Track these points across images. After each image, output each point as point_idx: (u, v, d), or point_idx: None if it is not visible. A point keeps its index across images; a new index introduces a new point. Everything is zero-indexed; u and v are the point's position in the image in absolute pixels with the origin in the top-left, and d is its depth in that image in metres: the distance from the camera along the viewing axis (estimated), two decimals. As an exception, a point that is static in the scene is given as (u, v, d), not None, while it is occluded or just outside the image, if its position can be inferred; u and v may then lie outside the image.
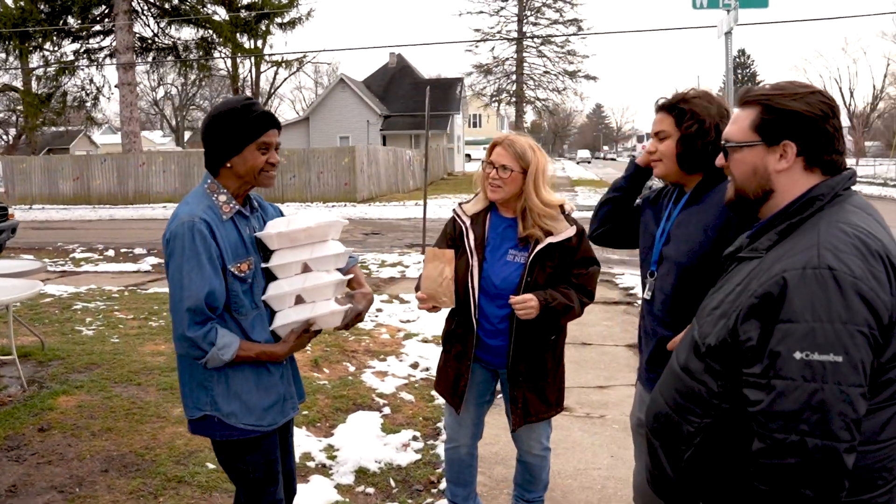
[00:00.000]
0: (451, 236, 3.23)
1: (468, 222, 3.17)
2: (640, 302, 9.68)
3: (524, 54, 41.04)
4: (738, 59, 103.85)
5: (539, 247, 3.03)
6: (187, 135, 71.71)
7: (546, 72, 42.57)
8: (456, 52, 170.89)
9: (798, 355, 1.53)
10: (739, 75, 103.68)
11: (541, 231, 3.03)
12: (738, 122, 1.82)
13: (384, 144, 41.35)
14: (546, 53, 41.64)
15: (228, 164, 2.40)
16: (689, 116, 2.44)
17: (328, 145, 34.44)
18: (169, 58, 31.84)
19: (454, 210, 3.28)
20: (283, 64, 35.53)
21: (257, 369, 2.45)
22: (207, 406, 2.41)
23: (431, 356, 6.55)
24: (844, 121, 70.08)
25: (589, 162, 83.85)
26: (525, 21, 40.36)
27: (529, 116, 52.49)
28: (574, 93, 46.95)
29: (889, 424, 1.62)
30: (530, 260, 3.03)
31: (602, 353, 6.77)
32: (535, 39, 40.79)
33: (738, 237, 2.24)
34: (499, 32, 40.66)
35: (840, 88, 73.55)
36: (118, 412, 4.95)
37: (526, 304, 2.93)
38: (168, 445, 4.41)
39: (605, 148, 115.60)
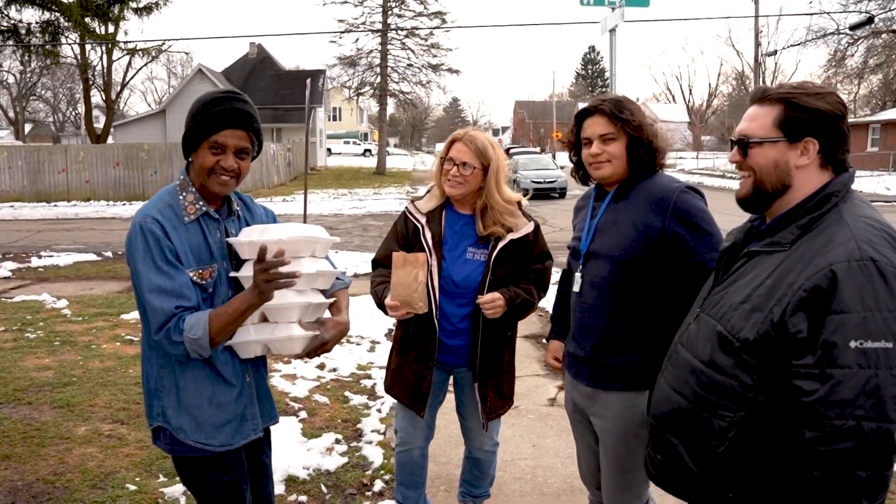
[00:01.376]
0: (404, 235, 3.16)
1: (423, 220, 3.12)
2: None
3: (388, 47, 40.84)
4: (588, 56, 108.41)
5: (501, 244, 3.05)
6: (28, 127, 66.49)
7: (410, 64, 42.65)
8: (319, 44, 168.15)
9: (853, 344, 1.61)
10: (589, 71, 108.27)
11: (502, 228, 3.05)
12: (759, 119, 1.87)
13: (246, 138, 40.02)
14: (410, 46, 41.70)
15: (190, 159, 2.29)
16: (632, 119, 2.55)
17: (187, 139, 32.95)
18: (9, 42, 29.22)
19: (406, 208, 3.21)
20: (139, 52, 33.67)
21: (213, 382, 2.28)
22: (159, 417, 2.30)
23: (336, 356, 6.48)
24: (684, 116, 74.92)
25: None
26: (390, 13, 40.18)
27: (391, 110, 52.42)
28: (437, 86, 47.41)
29: None
30: (493, 258, 3.04)
31: (502, 345, 6.93)
32: (400, 32, 40.74)
33: (669, 229, 2.45)
34: (363, 24, 40.25)
35: (681, 85, 78.47)
36: (13, 436, 4.58)
37: (494, 303, 2.95)
38: (79, 469, 4.13)
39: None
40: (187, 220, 2.24)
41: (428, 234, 3.08)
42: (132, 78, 49.18)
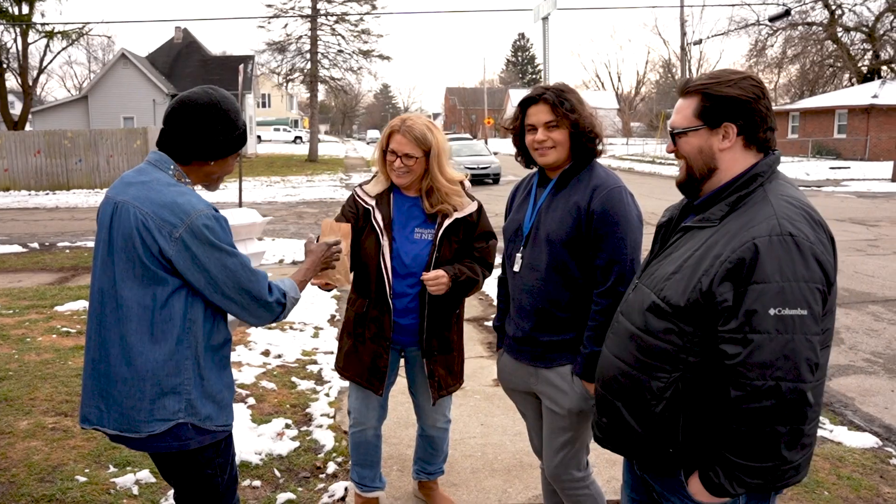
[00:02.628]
0: (354, 216, 3.21)
1: (373, 202, 3.19)
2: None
3: (318, 32, 40.29)
4: (518, 43, 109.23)
5: (447, 222, 3.14)
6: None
7: (340, 51, 42.24)
8: (247, 29, 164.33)
9: (772, 311, 1.77)
10: (519, 58, 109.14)
11: (448, 206, 3.14)
12: (682, 112, 2.04)
13: (173, 125, 39.02)
14: (341, 32, 41.28)
15: (211, 163, 2.33)
16: (574, 107, 2.68)
17: (111, 126, 31.90)
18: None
19: (355, 191, 3.28)
20: (57, 35, 32.40)
21: (225, 365, 2.39)
22: (181, 413, 2.22)
23: (280, 342, 6.49)
24: (613, 103, 76.38)
25: None
26: (319, -2, 39.71)
27: (322, 96, 51.84)
28: (368, 72, 47.11)
29: (820, 365, 1.93)
30: (439, 236, 3.13)
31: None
32: (330, 17, 40.25)
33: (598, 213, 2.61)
34: (292, 9, 39.62)
35: (609, 73, 79.67)
36: (-50, 431, 4.46)
37: (438, 280, 3.04)
38: (25, 463, 4.06)
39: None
40: None
41: (378, 216, 3.16)
42: (50, 62, 47.42)
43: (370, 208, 3.18)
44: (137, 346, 2.20)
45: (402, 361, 3.41)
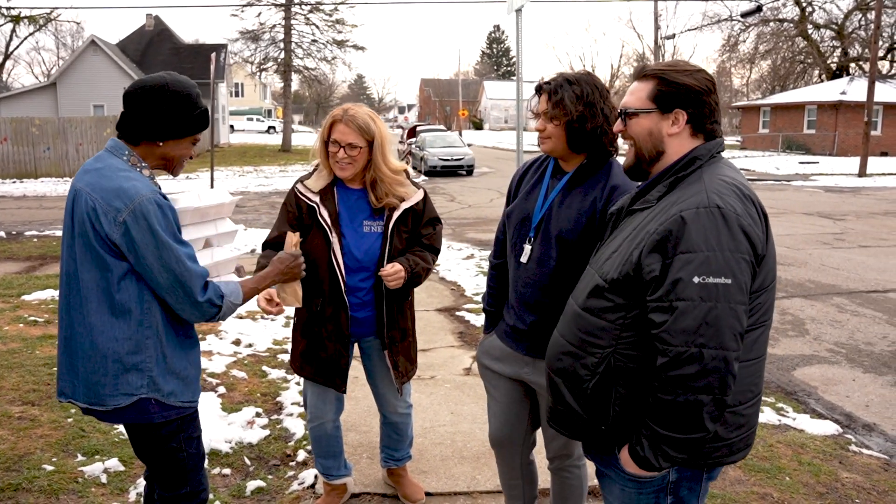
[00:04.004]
0: (296, 215, 3.15)
1: (317, 198, 3.12)
2: (438, 268, 10.06)
3: (292, 21, 39.96)
4: (493, 35, 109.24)
5: (396, 214, 3.13)
6: None
7: (314, 40, 41.96)
8: (220, 17, 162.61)
9: (696, 279, 1.82)
10: (494, 50, 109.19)
11: (394, 198, 3.13)
12: (637, 93, 2.09)
13: (144, 113, 38.54)
14: (315, 21, 40.97)
15: (160, 143, 2.34)
16: (578, 99, 2.58)
17: (80, 114, 31.40)
18: None
19: (296, 188, 3.20)
20: (24, 20, 31.73)
21: (189, 343, 2.43)
22: (143, 389, 2.31)
23: (251, 332, 6.48)
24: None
25: None
26: (293, -13, 39.37)
27: (296, 86, 51.44)
28: (343, 62, 46.80)
29: (756, 344, 1.99)
30: (390, 228, 3.12)
31: (416, 319, 7.05)
32: (304, 6, 39.95)
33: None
34: (266, -3, 39.32)
35: (584, 66, 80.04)
36: (-86, 419, 4.41)
37: (396, 274, 3.03)
38: (-9, 450, 4.03)
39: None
40: None
41: (324, 212, 3.10)
42: (17, 48, 46.47)
43: (314, 205, 3.11)
44: (98, 326, 2.29)
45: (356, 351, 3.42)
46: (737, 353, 1.84)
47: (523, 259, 2.77)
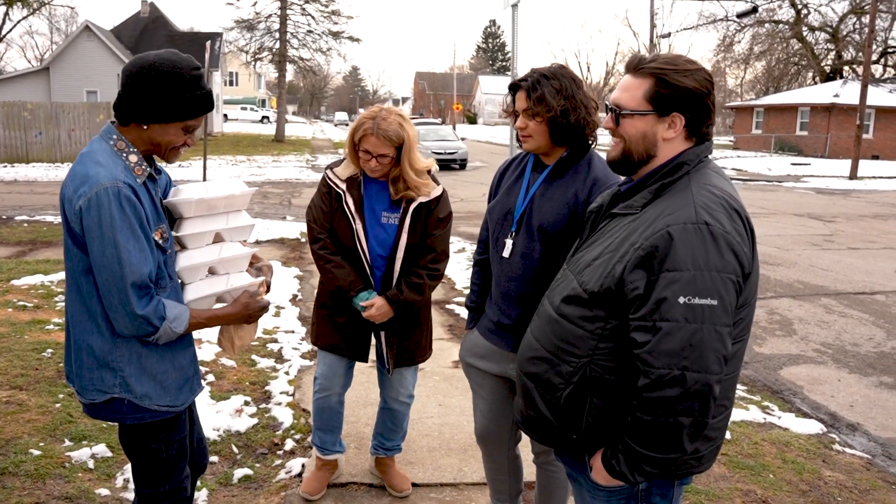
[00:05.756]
0: (328, 198, 3.28)
1: (344, 186, 3.23)
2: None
3: (288, 12, 39.86)
4: (489, 29, 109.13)
5: (412, 207, 3.20)
6: None
7: (310, 31, 41.87)
8: (215, 5, 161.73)
9: (682, 300, 1.73)
10: (490, 44, 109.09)
11: (413, 191, 3.18)
12: (631, 91, 1.95)
13: (137, 100, 38.36)
14: (311, 12, 40.90)
15: (145, 126, 2.17)
16: (558, 93, 2.57)
17: (73, 100, 31.20)
18: None
19: (326, 174, 3.31)
20: (17, 3, 31.54)
21: (172, 346, 2.28)
22: (116, 388, 2.21)
23: (241, 322, 6.46)
24: (583, 91, 76.60)
25: (346, 124, 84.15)
26: (290, -23, 39.23)
27: (290, 76, 51.34)
28: (338, 54, 46.67)
29: (734, 359, 1.93)
30: (406, 222, 3.20)
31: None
32: (300, -3, 39.87)
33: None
34: (262, -13, 39.26)
35: (579, 62, 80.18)
36: None
37: (380, 310, 3.21)
38: (-23, 434, 4.02)
39: (362, 111, 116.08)
40: (139, 181, 2.18)
41: (350, 200, 3.22)
42: (10, 31, 46.06)
43: (341, 192, 3.23)
44: (76, 317, 2.22)
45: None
46: (719, 376, 1.77)
47: (505, 254, 2.77)
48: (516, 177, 2.85)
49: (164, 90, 2.12)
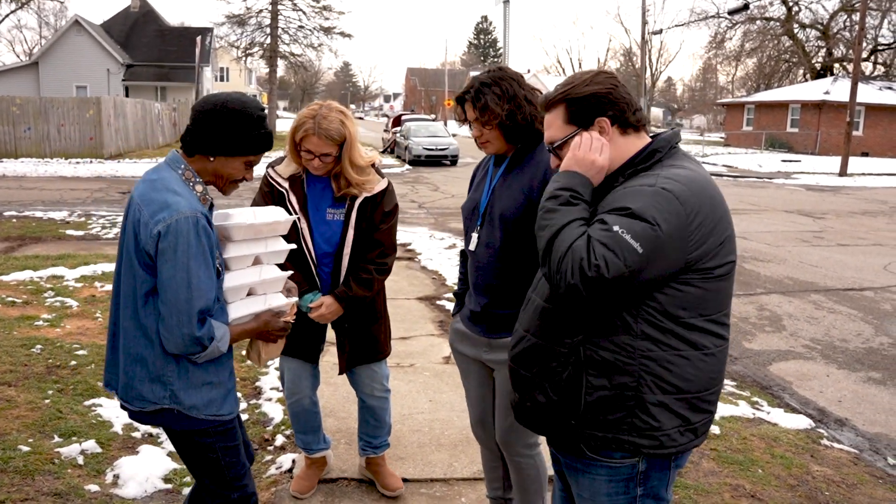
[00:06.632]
0: (270, 198, 3.22)
1: (287, 185, 3.19)
2: (420, 257, 10.17)
3: (279, 7, 39.68)
4: (480, 25, 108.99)
5: (357, 203, 3.17)
6: None
7: (301, 26, 41.74)
8: (206, 0, 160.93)
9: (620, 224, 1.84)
10: (482, 40, 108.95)
11: (357, 188, 3.16)
12: (553, 124, 2.09)
13: (127, 96, 38.28)
14: (302, 7, 40.73)
15: (211, 158, 2.33)
16: (501, 98, 2.69)
17: (63, 95, 31.02)
18: None
19: (268, 173, 3.27)
20: (5, -1, 31.34)
21: (215, 361, 2.38)
22: (166, 400, 2.32)
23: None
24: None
25: None
26: (281, -28, 39.05)
27: (281, 72, 51.23)
28: (329, 49, 46.54)
29: (706, 335, 2.00)
30: (352, 217, 3.17)
31: (397, 307, 7.06)
32: (291, -9, 39.69)
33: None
34: (253, -18, 39.00)
35: (570, 59, 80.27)
36: None
37: (329, 308, 3.17)
38: (-34, 430, 4.00)
39: (353, 107, 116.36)
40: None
41: (293, 199, 3.18)
42: (-1, 25, 45.74)
43: (284, 191, 3.19)
44: (131, 332, 2.31)
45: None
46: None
47: (472, 247, 2.91)
48: (483, 174, 3.01)
49: (233, 126, 2.29)
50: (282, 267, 2.64)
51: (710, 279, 1.91)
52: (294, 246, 2.66)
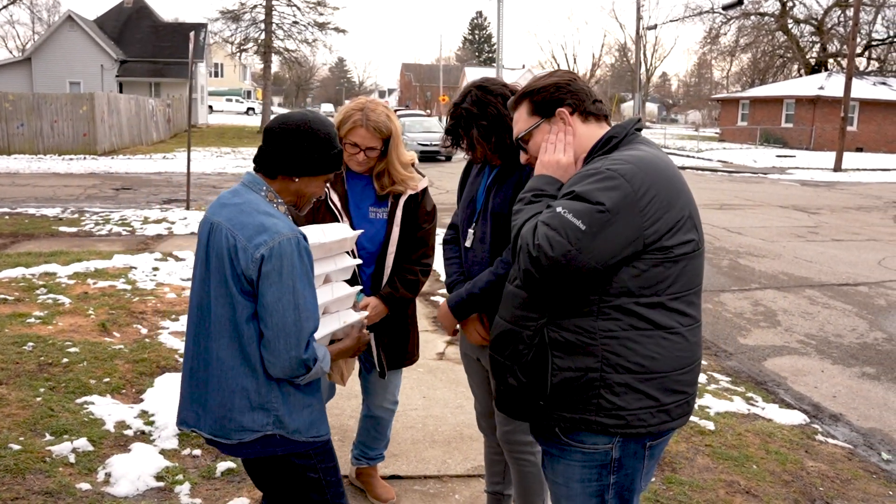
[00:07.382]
0: None
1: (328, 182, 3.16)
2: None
3: (274, 2, 39.57)
4: (475, 21, 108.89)
5: (402, 201, 3.14)
6: None
7: (295, 22, 41.64)
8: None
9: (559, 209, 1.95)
10: (476, 36, 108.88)
11: (399, 186, 3.13)
12: (520, 119, 2.24)
13: (121, 92, 38.15)
14: (296, 3, 40.61)
15: (296, 179, 2.31)
16: (487, 131, 2.75)
17: (56, 91, 30.89)
18: None
19: None
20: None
21: (312, 382, 2.36)
22: (269, 426, 2.27)
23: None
24: (570, 83, 76.80)
25: (332, 116, 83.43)
26: (275, -33, 38.95)
27: (276, 68, 50.96)
28: (323, 45, 46.47)
29: (671, 315, 2.06)
30: (396, 216, 3.13)
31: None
32: (286, -13, 39.58)
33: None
34: (247, -23, 38.88)
35: (565, 54, 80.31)
36: None
37: (374, 310, 3.08)
38: (-44, 428, 3.97)
39: (347, 102, 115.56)
40: None
41: (334, 197, 3.12)
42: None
43: (326, 188, 3.13)
44: (228, 361, 2.25)
45: None
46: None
47: (467, 243, 2.92)
48: (479, 171, 3.02)
49: (318, 146, 2.29)
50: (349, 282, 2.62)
51: (671, 259, 1.94)
52: (361, 261, 2.64)
